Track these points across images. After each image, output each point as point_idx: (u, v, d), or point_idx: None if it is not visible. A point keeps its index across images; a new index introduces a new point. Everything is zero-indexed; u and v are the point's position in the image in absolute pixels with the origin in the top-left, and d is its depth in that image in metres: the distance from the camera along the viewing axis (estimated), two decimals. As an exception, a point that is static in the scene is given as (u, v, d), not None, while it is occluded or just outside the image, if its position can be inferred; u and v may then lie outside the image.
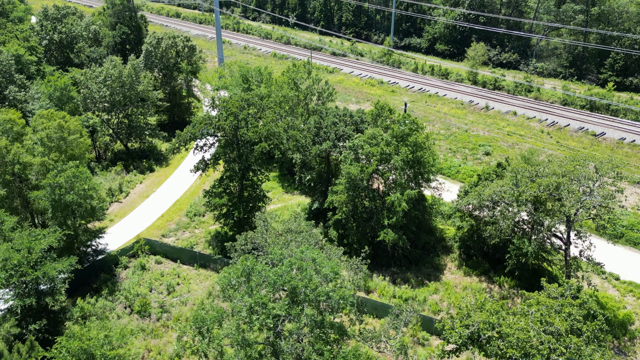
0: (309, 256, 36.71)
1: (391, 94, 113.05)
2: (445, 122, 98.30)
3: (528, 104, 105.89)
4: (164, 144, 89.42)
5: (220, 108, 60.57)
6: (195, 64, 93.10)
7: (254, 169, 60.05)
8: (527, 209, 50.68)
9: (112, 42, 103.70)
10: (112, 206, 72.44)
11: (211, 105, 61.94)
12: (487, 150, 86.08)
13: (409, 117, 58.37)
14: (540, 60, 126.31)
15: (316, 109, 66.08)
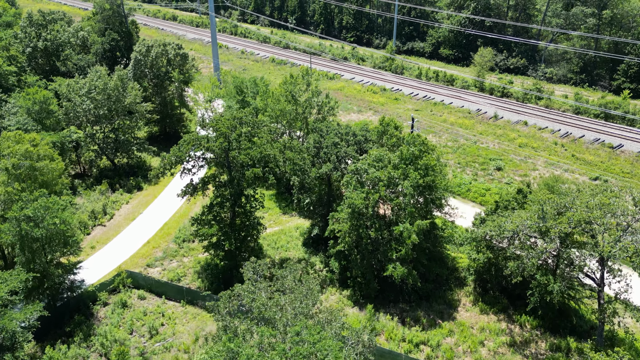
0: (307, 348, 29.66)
1: (394, 102, 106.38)
2: (452, 133, 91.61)
3: (539, 112, 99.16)
4: (153, 159, 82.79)
5: (209, 128, 53.94)
6: (187, 73, 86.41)
7: (247, 195, 53.41)
8: (555, 245, 44.02)
9: (100, 49, 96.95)
10: (95, 230, 65.83)
11: (200, 124, 55.29)
12: (499, 165, 79.36)
13: (418, 138, 51.64)
14: (549, 66, 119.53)
15: (316, 127, 59.37)
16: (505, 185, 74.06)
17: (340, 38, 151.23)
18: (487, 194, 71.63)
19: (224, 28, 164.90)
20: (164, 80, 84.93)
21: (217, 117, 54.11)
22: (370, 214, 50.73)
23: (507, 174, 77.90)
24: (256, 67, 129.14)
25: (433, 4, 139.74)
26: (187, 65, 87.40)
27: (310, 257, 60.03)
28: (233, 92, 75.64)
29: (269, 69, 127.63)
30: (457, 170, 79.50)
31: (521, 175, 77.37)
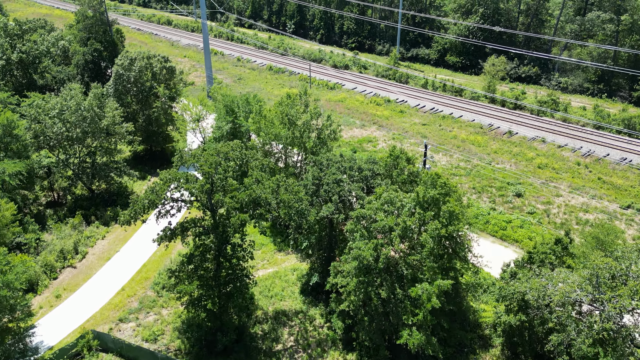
0: None
1: (400, 115, 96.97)
2: (464, 152, 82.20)
3: (557, 127, 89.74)
4: (136, 183, 73.47)
5: (188, 164, 44.63)
6: (174, 88, 76.98)
7: (233, 244, 44.09)
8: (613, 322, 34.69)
9: (82, 61, 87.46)
10: (64, 273, 56.49)
11: (178, 160, 45.92)
12: (518, 191, 69.96)
13: (437, 178, 42.20)
14: (563, 75, 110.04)
15: (315, 160, 49.87)
16: (527, 217, 64.66)
17: (341, 44, 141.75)
18: (508, 227, 62.29)
19: (220, 33, 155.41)
20: (149, 96, 75.54)
21: (197, 153, 44.72)
22: (380, 268, 41.47)
23: (528, 201, 68.53)
24: (252, 76, 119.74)
25: (439, 9, 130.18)
26: (175, 79, 77.95)
27: (309, 309, 50.79)
28: (223, 112, 66.24)
29: (266, 78, 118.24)
30: (472, 196, 70.12)
31: (544, 203, 68.00)
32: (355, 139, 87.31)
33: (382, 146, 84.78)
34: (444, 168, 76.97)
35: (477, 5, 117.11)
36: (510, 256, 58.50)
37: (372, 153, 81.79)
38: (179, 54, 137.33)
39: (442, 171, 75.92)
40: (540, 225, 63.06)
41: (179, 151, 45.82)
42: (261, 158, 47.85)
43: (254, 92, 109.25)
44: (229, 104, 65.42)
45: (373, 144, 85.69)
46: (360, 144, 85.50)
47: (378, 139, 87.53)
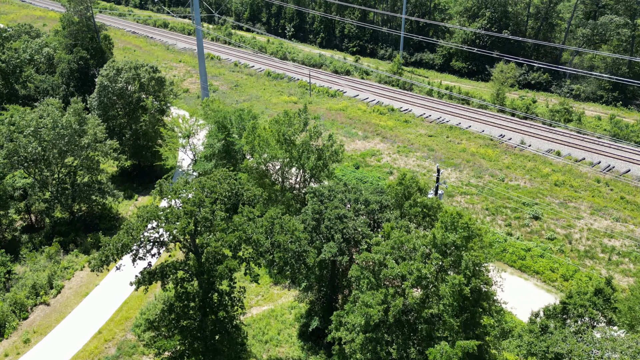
0: None
1: (404, 126, 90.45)
2: (474, 167, 75.74)
3: (572, 139, 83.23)
4: (122, 204, 67.12)
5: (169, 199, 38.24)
6: (163, 101, 70.51)
7: (220, 291, 37.71)
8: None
9: (67, 69, 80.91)
10: (35, 312, 50.11)
11: (156, 194, 39.51)
12: (536, 213, 63.50)
13: (459, 218, 35.64)
14: (575, 81, 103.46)
15: (315, 190, 43.32)
16: (548, 244, 58.18)
17: (342, 48, 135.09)
18: (527, 257, 55.87)
19: (217, 37, 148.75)
20: (136, 109, 69.09)
21: (178, 187, 38.29)
22: (391, 323, 35.08)
23: (546, 225, 62.09)
24: (250, 83, 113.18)
25: (443, 12, 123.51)
26: (164, 90, 71.47)
27: (308, 357, 44.44)
28: (215, 129, 59.75)
29: (264, 85, 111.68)
30: (486, 219, 63.67)
31: (564, 227, 61.58)
32: (358, 152, 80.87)
33: (386, 160, 78.35)
34: (453, 186, 70.54)
35: (484, 8, 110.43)
36: (530, 291, 52.17)
37: (376, 169, 75.37)
38: (174, 59, 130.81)
39: (452, 189, 69.51)
40: (563, 253, 56.66)
41: (158, 183, 39.31)
42: (253, 188, 41.38)
43: (250, 100, 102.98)
44: (221, 120, 58.90)
45: (377, 157, 79.24)
46: (364, 157, 79.05)
47: (382, 152, 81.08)
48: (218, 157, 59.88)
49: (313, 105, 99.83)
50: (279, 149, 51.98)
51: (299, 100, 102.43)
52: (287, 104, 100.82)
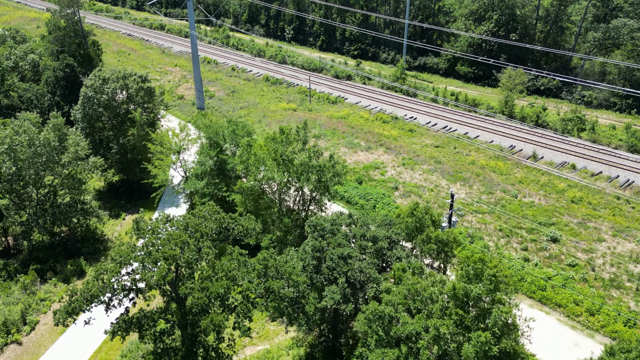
0: None
1: (409, 135, 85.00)
2: (485, 182, 70.32)
3: (586, 151, 77.79)
4: (107, 224, 61.81)
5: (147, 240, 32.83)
6: (153, 113, 65.08)
7: (206, 346, 32.34)
8: None
9: (52, 77, 75.44)
10: (6, 353, 44.75)
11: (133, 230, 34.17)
12: (553, 235, 58.10)
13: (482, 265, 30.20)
14: (587, 87, 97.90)
15: (316, 224, 37.80)
16: (569, 272, 52.78)
17: (343, 51, 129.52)
18: (547, 287, 50.51)
19: (215, 39, 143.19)
20: (124, 122, 63.69)
21: (157, 225, 32.88)
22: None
23: (566, 248, 56.72)
24: (247, 88, 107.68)
25: (448, 14, 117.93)
26: (155, 101, 66.05)
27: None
28: (206, 146, 54.29)
29: (262, 91, 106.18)
30: (500, 241, 58.26)
31: (585, 251, 56.21)
32: (361, 165, 75.44)
33: (390, 174, 72.94)
34: (463, 203, 65.14)
35: (490, 11, 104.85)
36: (554, 327, 46.84)
37: (380, 183, 69.94)
38: (170, 63, 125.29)
39: (462, 206, 64.11)
40: (586, 282, 51.29)
41: (135, 220, 33.89)
42: (246, 221, 35.94)
43: (248, 107, 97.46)
44: (213, 136, 53.43)
45: (381, 170, 73.81)
46: (367, 171, 73.62)
47: (386, 164, 75.66)
48: (210, 176, 54.49)
49: (313, 112, 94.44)
50: (276, 170, 46.55)
51: (298, 108, 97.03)
52: (285, 111, 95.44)
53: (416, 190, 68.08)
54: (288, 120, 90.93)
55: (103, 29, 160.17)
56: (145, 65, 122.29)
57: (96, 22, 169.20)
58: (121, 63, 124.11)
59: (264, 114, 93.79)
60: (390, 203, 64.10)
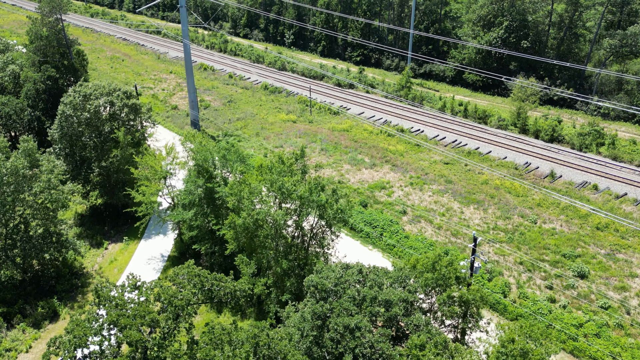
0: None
1: (416, 151, 78.53)
2: (500, 204, 63.87)
3: (608, 169, 71.34)
4: (89, 253, 55.49)
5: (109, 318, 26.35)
6: (138, 132, 58.66)
7: None
8: None
9: (32, 90, 69.01)
10: (-39, 419, 38.48)
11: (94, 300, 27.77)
12: (580, 269, 51.62)
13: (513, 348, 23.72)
14: (603, 98, 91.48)
15: (317, 283, 31.31)
16: (602, 317, 46.33)
17: (345, 57, 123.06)
18: (579, 335, 44.08)
19: (213, 44, 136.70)
20: (107, 141, 57.28)
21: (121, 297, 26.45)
22: None
23: (595, 286, 50.27)
24: (245, 97, 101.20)
25: (455, 19, 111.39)
26: (141, 117, 59.62)
27: None
28: (194, 174, 47.84)
29: (260, 100, 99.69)
30: (521, 277, 51.80)
31: (617, 289, 49.76)
32: (365, 185, 69.00)
33: (397, 195, 66.50)
34: (479, 230, 58.70)
35: (500, 17, 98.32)
36: (589, 386, 40.40)
37: (387, 206, 63.45)
38: (165, 69, 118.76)
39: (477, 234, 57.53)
40: (622, 329, 44.87)
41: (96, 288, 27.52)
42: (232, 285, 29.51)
43: (245, 118, 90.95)
44: (201, 161, 46.96)
45: (387, 191, 67.35)
46: (372, 191, 67.19)
47: (393, 184, 69.20)
48: (198, 206, 48.08)
49: (314, 124, 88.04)
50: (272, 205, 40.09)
51: (298, 119, 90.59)
52: (285, 123, 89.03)
53: (426, 215, 61.66)
54: (287, 133, 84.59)
55: (98, 33, 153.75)
56: (139, 73, 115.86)
57: (91, 25, 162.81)
58: (114, 70, 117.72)
59: (261, 126, 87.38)
60: (398, 231, 57.66)
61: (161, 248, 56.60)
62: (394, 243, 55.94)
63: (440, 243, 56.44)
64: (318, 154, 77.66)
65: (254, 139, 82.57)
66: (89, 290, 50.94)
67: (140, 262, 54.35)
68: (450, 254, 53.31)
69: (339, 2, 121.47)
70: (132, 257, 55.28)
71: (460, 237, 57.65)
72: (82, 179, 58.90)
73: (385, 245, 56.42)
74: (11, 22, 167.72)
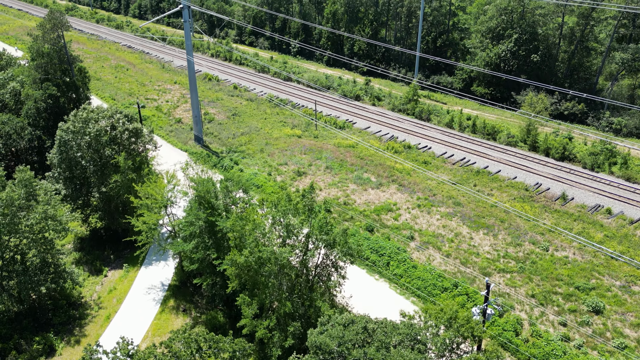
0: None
1: (424, 169, 76.44)
2: (511, 229, 61.70)
3: (621, 191, 68.94)
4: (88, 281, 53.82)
5: None
6: (139, 157, 56.87)
7: None
8: None
9: (33, 110, 67.39)
10: None
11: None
12: (595, 304, 49.40)
13: None
14: (615, 113, 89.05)
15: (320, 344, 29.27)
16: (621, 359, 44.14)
17: (351, 67, 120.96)
18: (596, 380, 41.98)
19: (218, 52, 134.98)
20: (107, 166, 55.54)
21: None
22: None
23: (610, 322, 48.08)
24: (249, 110, 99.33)
25: (464, 31, 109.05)
26: (141, 140, 57.85)
27: None
28: (194, 207, 45.97)
29: (265, 113, 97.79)
30: (533, 312, 49.65)
31: (633, 326, 47.56)
32: (372, 207, 66.93)
33: (405, 218, 64.40)
34: (489, 259, 56.54)
35: (510, 29, 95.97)
36: None
37: (394, 231, 61.38)
38: (169, 80, 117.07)
39: (486, 264, 55.51)
40: (640, 373, 42.73)
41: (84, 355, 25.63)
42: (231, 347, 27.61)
43: (250, 132, 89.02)
44: (203, 194, 45.10)
45: (394, 214, 65.26)
46: (378, 214, 65.12)
47: (399, 205, 67.12)
48: (199, 237, 46.25)
49: (319, 140, 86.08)
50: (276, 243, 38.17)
51: (303, 134, 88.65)
52: (290, 138, 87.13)
53: (434, 241, 59.56)
54: (292, 149, 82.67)
55: (103, 40, 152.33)
56: (143, 83, 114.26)
57: (96, 32, 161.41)
58: (118, 80, 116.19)
59: (266, 142, 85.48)
60: (406, 260, 55.59)
61: (161, 276, 54.83)
62: (401, 273, 53.93)
63: (449, 273, 54.35)
64: (323, 172, 75.75)
65: (258, 156, 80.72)
66: (87, 322, 49.31)
67: (139, 292, 52.62)
68: (460, 286, 51.27)
69: (345, 11, 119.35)
70: (131, 286, 53.54)
71: (470, 267, 55.55)
72: (81, 202, 57.27)
73: (392, 275, 54.41)
74: (17, 29, 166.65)
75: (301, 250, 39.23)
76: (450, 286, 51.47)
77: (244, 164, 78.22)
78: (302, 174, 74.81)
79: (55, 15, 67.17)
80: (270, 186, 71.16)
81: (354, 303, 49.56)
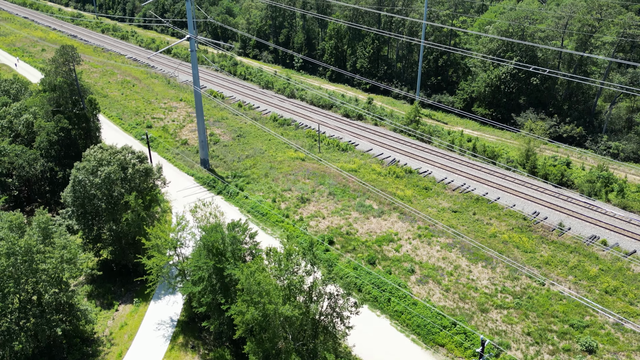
0: None
1: (424, 195, 78.17)
2: (509, 263, 63.43)
3: (616, 222, 70.51)
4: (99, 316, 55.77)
5: None
6: (149, 195, 58.70)
7: None
8: None
9: (45, 142, 69.23)
10: None
11: None
12: (589, 344, 51.13)
13: None
14: (613, 137, 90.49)
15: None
16: (610, 401, 45.98)
17: (354, 83, 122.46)
18: None
19: (222, 66, 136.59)
20: (118, 204, 57.38)
21: None
22: None
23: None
24: (254, 130, 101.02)
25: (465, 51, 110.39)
26: (152, 179, 59.68)
27: None
28: (203, 253, 47.78)
29: (269, 134, 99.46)
30: (529, 350, 51.41)
31: (625, 367, 49.39)
32: (373, 237, 68.66)
33: (406, 249, 66.13)
34: (487, 295, 58.27)
35: (510, 52, 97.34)
36: None
37: (395, 263, 63.09)
38: (175, 97, 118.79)
39: (484, 299, 57.25)
40: (630, 417, 44.51)
41: None
42: None
43: (254, 155, 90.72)
44: (211, 243, 46.91)
45: (395, 245, 66.99)
46: (380, 245, 66.85)
47: (401, 235, 68.86)
48: (208, 282, 48.09)
49: (322, 163, 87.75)
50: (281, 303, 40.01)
51: (306, 156, 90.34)
52: (293, 161, 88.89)
53: (434, 275, 61.33)
54: (296, 173, 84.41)
55: (109, 52, 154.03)
56: (149, 100, 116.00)
57: (102, 43, 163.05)
58: (125, 97, 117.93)
59: (270, 165, 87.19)
60: (406, 297, 57.35)
61: (170, 311, 56.73)
62: (402, 310, 55.72)
63: (449, 309, 56.09)
64: (326, 199, 77.45)
65: (263, 181, 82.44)
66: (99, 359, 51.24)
67: (150, 328, 54.53)
68: (458, 324, 53.02)
69: (348, 29, 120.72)
70: (142, 322, 55.44)
71: (468, 302, 57.29)
72: (93, 238, 59.18)
73: (393, 312, 56.19)
74: (23, 39, 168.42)
75: (305, 302, 41.00)
76: (449, 324, 53.23)
77: (249, 189, 79.96)
78: (306, 201, 76.47)
79: (67, 50, 68.83)
80: (274, 215, 72.88)
81: (356, 341, 51.34)
